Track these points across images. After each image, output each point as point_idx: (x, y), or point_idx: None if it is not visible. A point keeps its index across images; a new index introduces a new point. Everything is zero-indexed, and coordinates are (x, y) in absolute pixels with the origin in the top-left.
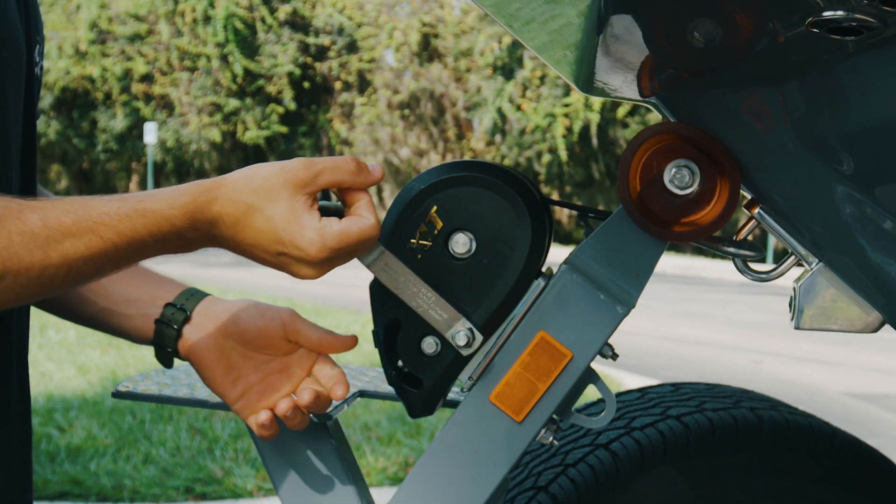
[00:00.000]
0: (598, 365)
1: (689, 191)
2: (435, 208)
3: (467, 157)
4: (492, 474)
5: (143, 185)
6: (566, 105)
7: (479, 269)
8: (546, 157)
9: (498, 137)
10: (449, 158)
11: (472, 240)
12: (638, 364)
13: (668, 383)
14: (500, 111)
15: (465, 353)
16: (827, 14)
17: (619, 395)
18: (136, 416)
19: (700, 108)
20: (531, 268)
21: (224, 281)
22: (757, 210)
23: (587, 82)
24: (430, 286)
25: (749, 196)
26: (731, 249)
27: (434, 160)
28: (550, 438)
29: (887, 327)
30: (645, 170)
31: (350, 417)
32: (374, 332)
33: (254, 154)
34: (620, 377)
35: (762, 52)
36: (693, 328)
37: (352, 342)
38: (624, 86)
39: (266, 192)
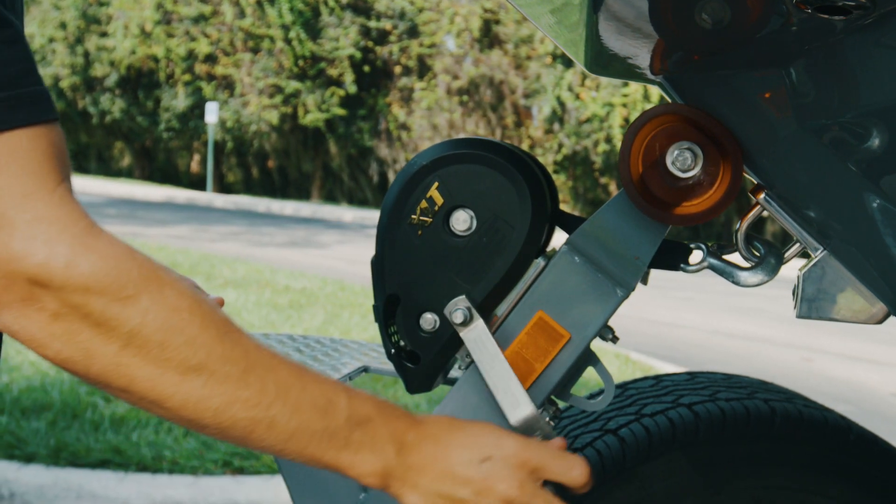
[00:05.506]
0: (644, 356)
1: (691, 174)
2: (436, 185)
3: (525, 145)
4: None
5: (203, 164)
6: (625, 95)
7: (478, 247)
8: (602, 147)
9: (556, 126)
10: None
11: (473, 217)
12: (684, 357)
13: (686, 372)
14: (559, 99)
15: (461, 331)
16: None
17: (633, 381)
18: None
19: (706, 90)
20: (531, 247)
21: (277, 260)
22: (762, 195)
23: (594, 63)
24: (507, 362)
25: (755, 181)
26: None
27: None
28: (547, 419)
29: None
30: (647, 152)
31: (391, 399)
32: (375, 307)
33: (313, 136)
34: (665, 369)
35: (756, 35)
36: (743, 322)
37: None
38: (627, 66)
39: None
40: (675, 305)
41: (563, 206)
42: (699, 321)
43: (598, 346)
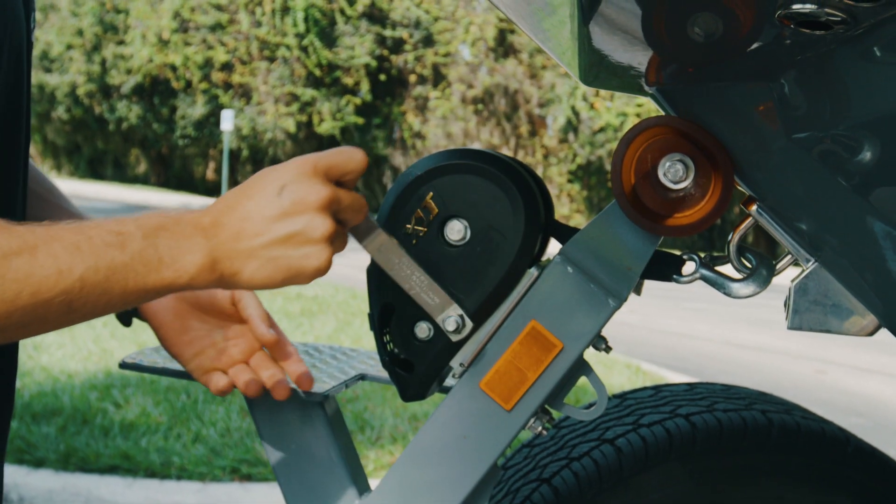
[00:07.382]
0: (656, 367)
1: (682, 185)
2: (431, 195)
3: (539, 154)
4: (481, 460)
5: (218, 172)
6: (639, 105)
7: (472, 257)
8: None
9: (571, 135)
10: (521, 155)
11: (467, 227)
12: (696, 368)
13: (685, 382)
14: (573, 109)
15: (454, 338)
16: (796, 7)
17: (632, 391)
18: (191, 395)
19: (698, 103)
20: (524, 257)
21: None
22: (754, 207)
23: (587, 75)
24: (423, 271)
25: (747, 193)
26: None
27: None
28: (540, 428)
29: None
30: (639, 163)
31: (399, 408)
32: (370, 316)
33: (328, 144)
34: (676, 380)
35: (747, 48)
36: (756, 334)
37: (270, 339)
38: (620, 78)
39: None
40: (688, 316)
41: (577, 216)
42: (712, 332)
43: (609, 356)
